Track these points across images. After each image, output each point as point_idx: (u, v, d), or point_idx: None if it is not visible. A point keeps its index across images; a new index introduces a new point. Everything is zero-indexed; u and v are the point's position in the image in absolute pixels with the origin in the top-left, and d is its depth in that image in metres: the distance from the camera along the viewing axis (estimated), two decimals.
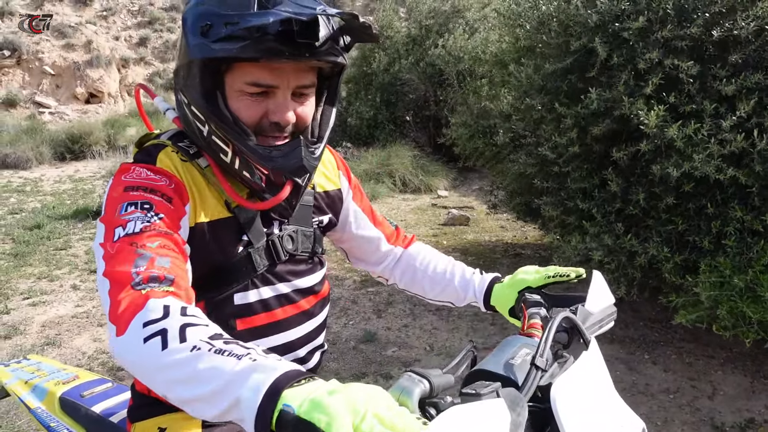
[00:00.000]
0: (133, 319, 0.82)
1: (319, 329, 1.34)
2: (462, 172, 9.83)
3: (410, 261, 1.50)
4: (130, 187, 1.05)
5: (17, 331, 4.42)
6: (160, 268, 0.92)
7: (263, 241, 1.19)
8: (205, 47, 1.03)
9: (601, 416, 0.90)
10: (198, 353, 0.74)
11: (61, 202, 8.87)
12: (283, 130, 1.11)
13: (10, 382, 1.63)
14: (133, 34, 19.11)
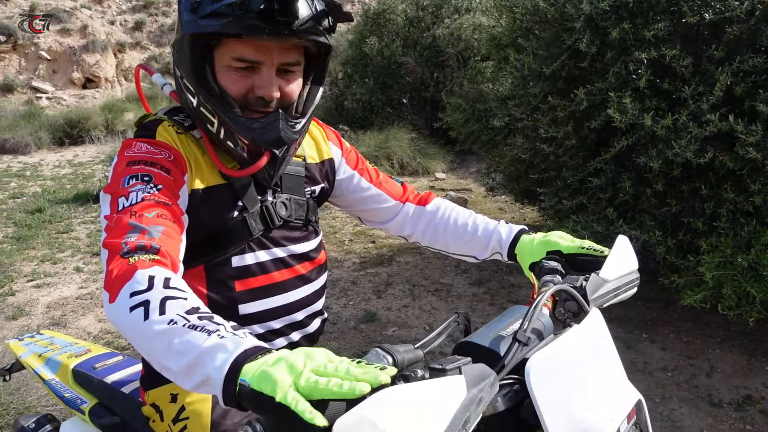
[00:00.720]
0: (122, 288, 0.89)
1: (317, 294, 1.39)
2: (459, 155, 9.85)
3: (430, 217, 1.54)
4: (132, 161, 1.12)
5: (23, 312, 4.48)
6: (150, 238, 0.98)
7: (257, 206, 1.26)
8: (194, 23, 1.10)
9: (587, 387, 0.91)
10: (174, 327, 0.81)
11: (61, 187, 8.90)
12: (268, 105, 1.17)
13: (24, 355, 1.70)
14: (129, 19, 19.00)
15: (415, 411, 0.65)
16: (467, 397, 0.70)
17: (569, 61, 3.53)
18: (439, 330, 0.97)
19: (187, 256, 1.14)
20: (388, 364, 0.77)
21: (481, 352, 0.90)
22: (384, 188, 1.55)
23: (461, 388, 0.71)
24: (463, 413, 0.68)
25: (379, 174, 1.58)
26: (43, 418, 1.61)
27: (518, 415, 0.88)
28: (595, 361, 0.96)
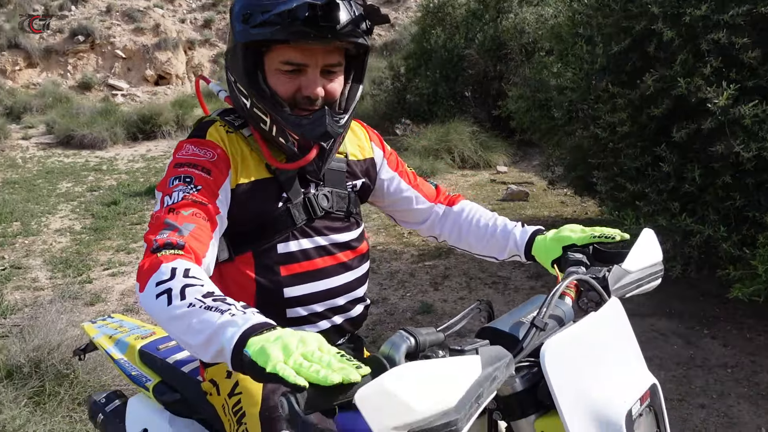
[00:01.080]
0: (150, 278, 1.02)
1: (358, 281, 1.48)
2: (522, 148, 9.74)
3: (456, 218, 1.62)
4: (179, 163, 1.28)
5: (99, 298, 4.77)
6: (179, 236, 1.11)
7: (300, 198, 1.37)
8: (246, 32, 1.23)
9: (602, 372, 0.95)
10: (192, 309, 0.93)
11: (134, 180, 9.32)
12: (313, 103, 1.29)
13: (97, 336, 1.85)
14: (198, 17, 19.60)
15: (432, 384, 0.72)
16: (482, 374, 0.76)
17: (632, 53, 3.48)
18: (461, 315, 1.02)
19: (237, 244, 1.30)
20: (410, 344, 0.84)
21: (502, 336, 0.95)
22: (420, 190, 1.64)
23: (476, 366, 0.77)
24: (476, 389, 0.74)
25: (416, 177, 1.67)
26: (113, 394, 1.75)
27: (536, 396, 0.93)
28: (610, 346, 1.00)
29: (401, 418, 0.68)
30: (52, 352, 2.94)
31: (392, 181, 1.60)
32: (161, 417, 1.53)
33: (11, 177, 9.67)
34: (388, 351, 0.83)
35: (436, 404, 0.71)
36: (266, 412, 1.21)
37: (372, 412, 0.67)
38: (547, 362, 0.88)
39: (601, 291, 1.04)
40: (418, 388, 0.70)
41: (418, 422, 0.69)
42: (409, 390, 0.70)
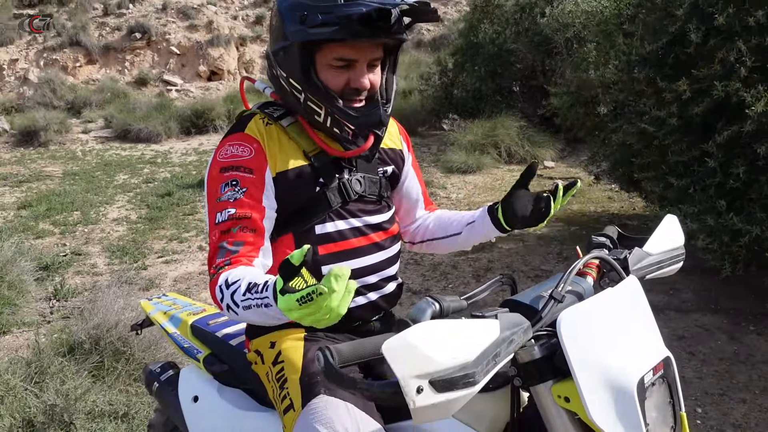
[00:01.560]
0: (215, 288, 1.26)
1: (389, 261, 1.58)
2: (570, 143, 9.63)
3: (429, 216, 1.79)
4: (223, 168, 1.40)
5: (153, 284, 4.99)
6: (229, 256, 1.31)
7: (336, 183, 1.48)
8: (304, 32, 1.34)
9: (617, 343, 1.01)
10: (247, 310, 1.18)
11: (187, 173, 9.62)
12: (360, 94, 1.42)
13: (152, 312, 1.98)
14: (250, 13, 19.96)
15: (452, 340, 0.81)
16: (500, 336, 0.85)
17: (674, 48, 3.46)
18: (484, 286, 1.10)
19: (279, 226, 1.43)
20: (435, 309, 0.93)
21: (522, 307, 1.03)
22: (425, 197, 1.78)
23: (495, 328, 0.86)
24: (494, 348, 0.83)
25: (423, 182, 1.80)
26: (167, 365, 1.88)
27: (552, 363, 1.00)
28: (626, 320, 1.06)
29: (422, 368, 0.77)
30: (111, 330, 3.12)
31: (411, 180, 1.73)
32: (211, 386, 1.64)
33: (72, 169, 10.10)
34: (415, 314, 0.92)
35: (455, 358, 0.79)
36: (306, 378, 1.31)
37: (396, 361, 0.76)
38: (562, 330, 0.95)
39: (618, 268, 1.09)
40: (439, 342, 0.80)
41: (438, 372, 0.78)
42: (430, 344, 0.79)
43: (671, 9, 3.36)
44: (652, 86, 3.58)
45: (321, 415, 1.20)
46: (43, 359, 2.92)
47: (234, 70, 18.17)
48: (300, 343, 1.43)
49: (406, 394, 0.76)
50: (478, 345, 0.83)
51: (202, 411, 1.61)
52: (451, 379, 0.78)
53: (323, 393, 1.24)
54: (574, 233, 5.74)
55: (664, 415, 1.00)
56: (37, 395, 2.62)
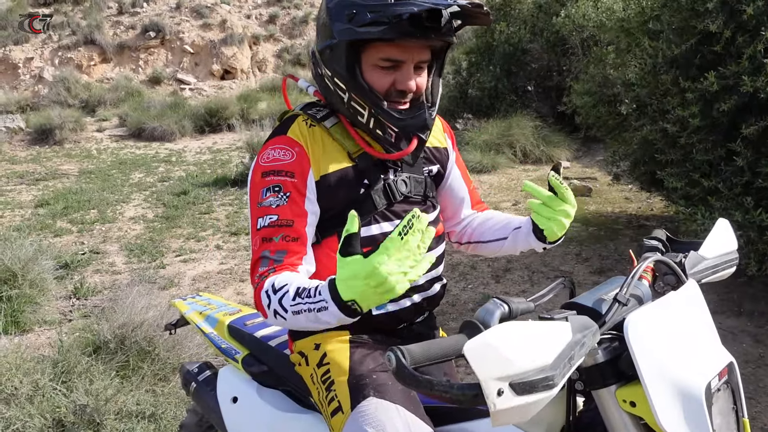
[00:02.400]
0: (262, 309, 1.26)
1: (435, 262, 1.55)
2: (585, 143, 9.58)
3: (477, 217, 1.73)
4: (265, 172, 1.38)
5: (172, 283, 5.00)
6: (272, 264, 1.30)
7: (381, 184, 1.45)
8: (352, 31, 1.30)
9: (681, 346, 1.00)
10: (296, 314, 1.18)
11: (202, 171, 9.65)
12: (405, 96, 1.39)
13: (188, 312, 1.98)
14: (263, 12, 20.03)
15: (530, 343, 0.80)
16: (572, 339, 0.84)
17: (702, 47, 3.43)
18: (548, 288, 1.09)
19: (324, 229, 1.41)
20: (504, 311, 0.92)
21: (585, 310, 1.01)
22: (472, 195, 1.73)
23: (568, 330, 0.85)
24: (568, 351, 0.82)
25: (470, 180, 1.75)
26: (204, 365, 1.88)
27: (616, 367, 0.99)
28: (689, 324, 1.04)
29: (503, 370, 0.76)
30: (136, 330, 3.13)
31: (456, 178, 1.69)
32: (250, 387, 1.64)
33: (87, 167, 10.17)
34: (483, 316, 0.91)
35: (534, 361, 0.79)
36: (354, 380, 1.30)
37: (478, 363, 0.75)
38: (630, 333, 0.94)
39: (679, 272, 1.08)
40: (518, 345, 0.79)
41: (518, 375, 0.77)
42: (510, 346, 0.78)
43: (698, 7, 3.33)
44: (676, 86, 3.55)
45: (371, 417, 1.19)
46: (70, 358, 2.93)
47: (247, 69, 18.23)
48: (346, 345, 1.41)
49: (486, 397, 0.76)
50: (555, 347, 0.82)
51: (242, 412, 1.61)
52: (530, 382, 0.77)
53: (373, 395, 1.23)
54: (592, 234, 5.70)
55: (728, 421, 0.99)
56: (65, 395, 2.63)
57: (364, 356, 1.36)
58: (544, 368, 0.79)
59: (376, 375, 1.30)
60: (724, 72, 3.19)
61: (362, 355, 1.37)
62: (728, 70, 3.18)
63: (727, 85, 3.20)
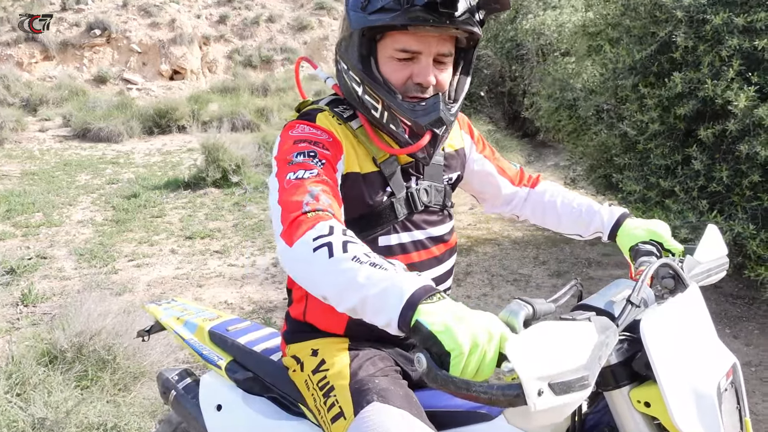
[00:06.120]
0: (304, 234, 1.06)
1: (447, 274, 1.52)
2: (537, 148, 9.81)
3: (539, 199, 1.68)
4: (298, 140, 1.28)
5: (126, 289, 4.83)
6: (323, 203, 1.14)
7: (404, 192, 1.40)
8: (364, 18, 1.26)
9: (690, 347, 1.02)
10: (358, 264, 0.96)
11: (152, 174, 9.40)
12: (424, 91, 1.30)
13: (164, 318, 1.91)
14: (214, 13, 19.71)
15: (566, 343, 0.81)
16: (598, 339, 0.84)
17: (660, 56, 3.54)
18: (564, 290, 1.08)
19: None
20: (528, 312, 0.91)
21: (598, 312, 1.01)
22: (506, 174, 1.68)
23: (593, 332, 0.85)
24: (597, 351, 0.83)
25: (499, 160, 1.69)
26: (184, 372, 1.81)
27: (630, 368, 1.00)
28: (695, 326, 1.06)
29: (544, 370, 0.76)
30: (94, 338, 3.01)
31: (482, 166, 1.64)
32: (235, 394, 1.58)
33: (30, 168, 9.76)
34: (507, 317, 0.90)
35: (571, 361, 0.79)
36: (356, 385, 1.26)
37: (521, 362, 0.74)
38: (647, 334, 0.95)
39: (683, 276, 1.09)
40: (556, 345, 0.79)
41: (558, 375, 0.77)
42: (549, 346, 0.78)
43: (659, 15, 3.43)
44: (635, 92, 3.65)
45: (376, 422, 1.16)
46: (24, 369, 2.80)
47: (197, 70, 17.90)
48: (345, 351, 1.37)
49: (528, 397, 0.75)
50: (586, 348, 0.82)
51: (227, 420, 1.55)
52: (568, 382, 0.77)
53: (376, 401, 1.20)
54: (548, 237, 5.81)
55: (733, 421, 1.00)
56: (22, 408, 2.50)
57: (364, 361, 1.33)
58: (579, 368, 0.79)
59: (378, 380, 1.27)
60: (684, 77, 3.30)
61: (362, 360, 1.34)
62: (687, 76, 3.29)
63: (686, 90, 3.31)
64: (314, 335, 1.43)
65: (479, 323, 0.85)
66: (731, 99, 3.06)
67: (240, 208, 7.34)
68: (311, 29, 21.19)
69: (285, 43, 20.48)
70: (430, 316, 0.86)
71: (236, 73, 17.80)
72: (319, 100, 1.48)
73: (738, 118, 3.10)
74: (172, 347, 3.32)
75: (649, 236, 1.44)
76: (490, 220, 6.37)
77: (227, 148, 8.37)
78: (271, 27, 20.64)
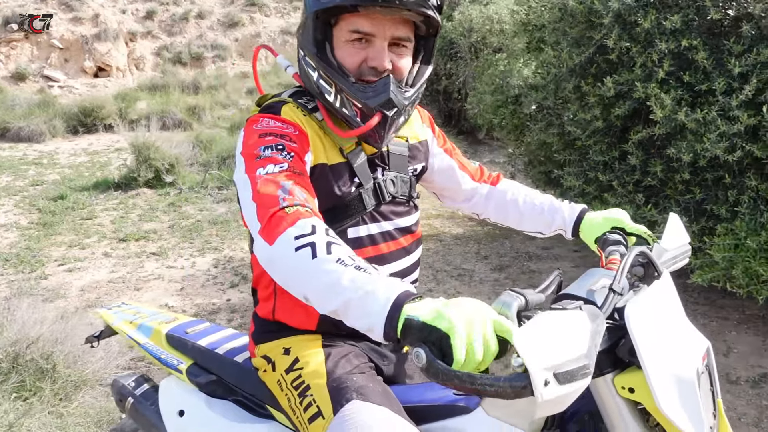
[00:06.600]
0: (284, 232, 1.03)
1: (414, 265, 1.52)
2: (472, 145, 9.97)
3: (501, 197, 1.69)
4: (263, 133, 1.26)
5: (58, 294, 4.61)
6: (299, 198, 1.13)
7: (371, 183, 1.39)
8: (317, 2, 1.25)
9: (669, 332, 1.05)
10: (342, 266, 0.95)
11: (79, 175, 9.01)
12: (380, 75, 1.29)
13: (115, 322, 1.82)
14: (140, 8, 19.05)
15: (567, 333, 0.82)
16: (592, 328, 0.86)
17: (597, 57, 3.66)
18: (549, 281, 1.09)
19: None
20: (521, 303, 0.91)
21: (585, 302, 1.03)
22: (466, 170, 1.69)
23: (586, 320, 0.88)
24: (593, 339, 0.85)
25: (459, 156, 1.70)
26: (141, 378, 1.73)
27: (612, 355, 1.02)
28: (671, 312, 1.10)
29: (550, 360, 0.77)
30: (31, 346, 2.86)
31: (442, 160, 1.64)
32: (197, 398, 1.53)
33: None
34: (500, 309, 0.90)
35: (573, 350, 0.80)
36: (333, 384, 1.24)
37: (529, 353, 0.75)
38: (631, 321, 0.97)
39: (657, 264, 1.13)
40: (559, 335, 0.81)
41: (562, 364, 0.78)
42: (554, 336, 0.80)
43: (594, 20, 3.55)
44: (577, 91, 3.76)
45: (356, 420, 1.14)
46: None
47: (123, 67, 17.27)
48: (319, 348, 1.35)
49: (535, 387, 0.75)
50: (584, 336, 0.83)
51: (191, 426, 1.50)
52: (572, 371, 0.78)
53: (356, 398, 1.18)
54: (488, 233, 5.91)
55: (707, 402, 1.04)
56: None
57: (340, 359, 1.31)
58: (580, 357, 0.80)
59: (356, 377, 1.26)
60: (618, 79, 3.42)
61: (338, 358, 1.31)
62: (621, 78, 3.41)
63: (621, 91, 3.43)
64: (285, 333, 1.40)
65: (468, 304, 0.86)
66: (652, 107, 3.20)
67: (176, 208, 7.13)
68: (242, 26, 20.80)
69: (215, 40, 20.04)
70: (418, 310, 0.86)
71: (165, 70, 17.27)
72: (280, 93, 1.45)
73: (663, 123, 3.24)
74: (113, 354, 3.19)
75: (610, 224, 1.49)
76: (431, 217, 6.43)
77: (159, 147, 8.12)
78: (201, 23, 20.14)
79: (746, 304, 3.99)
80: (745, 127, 2.99)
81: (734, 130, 3.00)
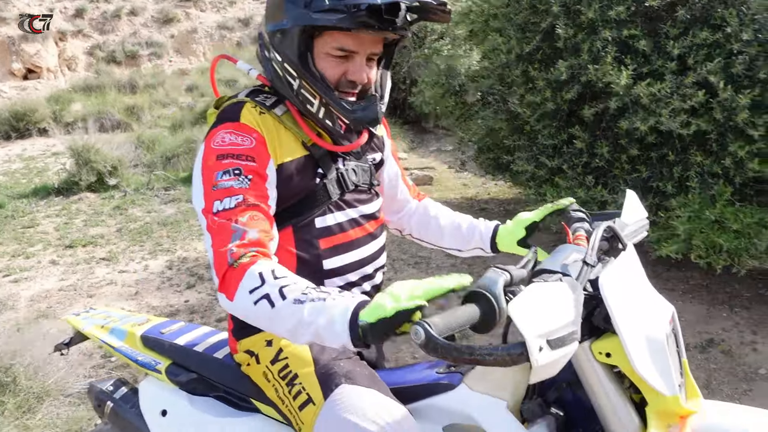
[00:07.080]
0: (238, 287, 1.12)
1: (381, 250, 1.57)
2: (419, 134, 10.06)
3: (424, 212, 1.77)
4: (221, 154, 1.29)
5: (6, 306, 4.45)
6: (249, 240, 1.19)
7: (334, 173, 1.44)
8: (307, 16, 1.26)
9: (638, 300, 1.13)
10: (300, 305, 1.05)
11: (15, 182, 8.69)
12: (355, 87, 1.36)
13: (86, 327, 1.78)
14: (69, 6, 18.33)
15: (555, 302, 0.89)
16: (574, 297, 0.93)
17: (543, 44, 3.77)
18: (528, 258, 1.15)
19: (277, 221, 1.32)
20: (506, 279, 0.96)
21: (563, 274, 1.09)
22: (406, 183, 1.76)
23: (569, 291, 0.94)
24: (578, 307, 0.91)
25: (402, 169, 1.77)
26: (119, 381, 1.71)
27: (588, 324, 1.08)
28: (638, 281, 1.18)
29: (543, 327, 0.83)
30: None
31: (391, 166, 1.70)
32: (179, 397, 1.53)
33: None
34: (488, 285, 0.94)
35: (562, 318, 0.87)
36: (322, 370, 1.27)
37: (524, 322, 0.80)
38: (606, 290, 1.03)
39: (622, 238, 1.20)
40: (549, 303, 0.87)
41: (554, 331, 0.84)
42: (545, 305, 0.86)
43: (539, 6, 3.65)
44: (524, 76, 3.87)
45: (347, 404, 1.17)
46: None
47: (54, 68, 16.63)
48: None
49: (531, 354, 0.80)
50: (569, 305, 0.90)
51: (175, 425, 1.50)
52: (562, 337, 0.84)
53: (344, 383, 1.22)
54: None
55: (675, 361, 1.12)
56: None
57: (324, 346, 1.33)
58: (568, 324, 0.86)
59: (343, 363, 1.29)
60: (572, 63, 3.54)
61: (321, 345, 1.34)
62: (570, 63, 3.53)
63: (572, 74, 3.55)
64: None
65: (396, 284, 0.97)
66: (612, 81, 3.32)
67: (122, 211, 6.97)
68: (178, 22, 20.32)
69: (150, 37, 19.50)
70: (367, 315, 0.96)
71: (99, 70, 16.71)
72: (237, 93, 1.47)
73: (618, 96, 3.38)
74: (73, 363, 3.13)
75: (521, 225, 1.60)
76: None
77: (99, 150, 7.91)
78: (134, 20, 19.56)
79: (690, 275, 4.20)
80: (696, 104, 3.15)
81: (686, 107, 3.16)
